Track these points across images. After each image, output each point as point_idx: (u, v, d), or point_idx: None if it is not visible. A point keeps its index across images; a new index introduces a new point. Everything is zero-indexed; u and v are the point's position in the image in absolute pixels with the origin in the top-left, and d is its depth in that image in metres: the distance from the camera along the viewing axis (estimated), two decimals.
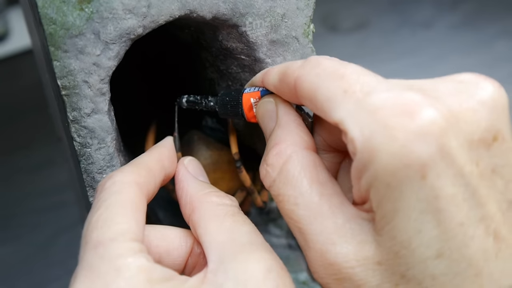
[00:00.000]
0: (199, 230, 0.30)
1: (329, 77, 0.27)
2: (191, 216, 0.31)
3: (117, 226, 0.27)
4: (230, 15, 0.33)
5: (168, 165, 0.33)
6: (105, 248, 0.26)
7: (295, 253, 0.48)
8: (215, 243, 0.28)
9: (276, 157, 0.29)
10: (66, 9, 0.29)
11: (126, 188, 0.29)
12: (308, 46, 0.36)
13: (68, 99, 0.31)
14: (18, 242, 0.64)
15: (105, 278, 0.26)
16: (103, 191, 0.29)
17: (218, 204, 0.31)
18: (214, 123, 0.44)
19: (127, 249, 0.27)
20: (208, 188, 0.32)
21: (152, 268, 0.27)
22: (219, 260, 0.28)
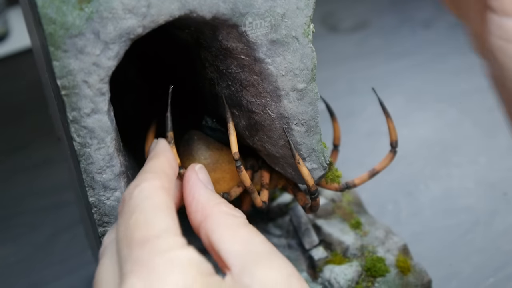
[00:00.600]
0: (214, 237, 0.31)
1: None
2: (203, 223, 0.32)
3: (158, 225, 0.28)
4: (230, 15, 0.33)
5: (175, 167, 0.34)
6: (152, 245, 0.27)
7: (295, 253, 0.48)
8: (234, 250, 0.30)
9: None
10: (65, 9, 0.29)
11: (156, 193, 0.30)
12: (308, 46, 0.36)
13: (68, 99, 0.31)
14: (17, 242, 0.64)
15: (160, 272, 0.26)
16: (132, 198, 0.30)
17: (230, 215, 0.32)
18: (214, 123, 0.44)
19: (175, 242, 0.28)
20: (219, 198, 0.33)
21: (201, 261, 0.28)
22: (242, 265, 0.29)
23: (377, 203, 0.65)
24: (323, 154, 0.39)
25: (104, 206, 0.35)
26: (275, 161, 0.41)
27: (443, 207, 0.65)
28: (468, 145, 0.73)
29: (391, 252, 0.48)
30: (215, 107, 0.43)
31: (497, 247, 0.60)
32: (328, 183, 0.42)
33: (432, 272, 0.49)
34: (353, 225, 0.51)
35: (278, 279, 0.28)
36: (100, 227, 0.35)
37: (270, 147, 0.40)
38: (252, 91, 0.37)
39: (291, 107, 0.37)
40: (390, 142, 0.43)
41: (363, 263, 0.47)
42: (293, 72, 0.36)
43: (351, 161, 0.68)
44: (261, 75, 0.36)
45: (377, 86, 0.45)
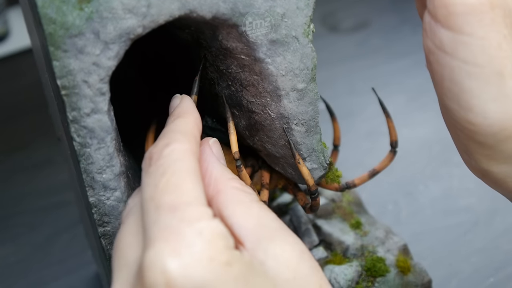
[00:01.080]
0: (227, 212, 0.30)
1: None
2: (216, 197, 0.31)
3: (190, 191, 0.28)
4: (230, 15, 0.33)
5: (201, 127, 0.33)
6: (183, 211, 0.27)
7: None
8: (248, 225, 0.29)
9: None
10: (65, 8, 0.29)
11: (187, 156, 0.29)
12: (308, 46, 0.36)
13: (68, 99, 0.31)
14: (17, 242, 0.64)
15: (189, 241, 0.26)
16: (162, 158, 0.29)
17: (242, 191, 0.31)
18: (214, 123, 0.44)
19: (205, 213, 0.28)
20: (231, 173, 0.33)
21: (228, 235, 0.28)
22: (255, 240, 0.29)
23: (377, 203, 0.65)
24: (323, 154, 0.39)
25: (104, 206, 0.35)
26: (275, 161, 0.41)
27: (443, 207, 0.65)
28: None
29: (391, 252, 0.48)
30: (215, 107, 0.43)
31: (497, 247, 0.60)
32: (328, 183, 0.42)
33: (432, 272, 0.49)
34: (353, 225, 0.51)
35: (292, 255, 0.28)
36: (100, 227, 0.35)
37: (270, 147, 0.40)
38: (252, 91, 0.37)
39: (291, 107, 0.37)
40: (390, 142, 0.43)
41: (363, 263, 0.47)
42: (293, 72, 0.36)
43: (351, 161, 0.68)
44: (261, 75, 0.36)
45: (377, 86, 0.45)
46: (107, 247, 0.36)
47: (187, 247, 0.26)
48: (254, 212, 0.30)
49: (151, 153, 0.30)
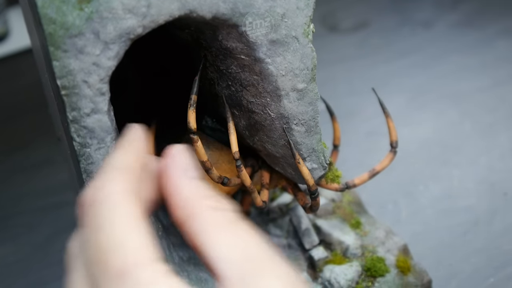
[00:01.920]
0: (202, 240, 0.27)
1: None
2: (188, 222, 0.27)
3: (134, 248, 0.25)
4: (230, 15, 0.33)
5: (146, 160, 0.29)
6: (132, 277, 0.24)
7: (295, 253, 0.48)
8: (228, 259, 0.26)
9: None
10: (65, 9, 0.29)
11: (123, 200, 0.26)
12: (308, 46, 0.36)
13: (68, 99, 0.31)
14: (16, 242, 0.64)
15: None
16: (97, 205, 0.26)
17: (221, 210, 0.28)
18: (214, 123, 0.44)
19: (156, 271, 0.25)
20: (203, 189, 0.29)
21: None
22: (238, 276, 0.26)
23: (377, 203, 0.65)
24: (323, 154, 0.39)
25: None
26: (275, 161, 0.41)
27: (443, 207, 0.65)
28: (468, 145, 0.73)
29: (391, 252, 0.48)
30: (215, 107, 0.43)
31: (497, 247, 0.60)
32: (328, 183, 0.42)
33: (432, 272, 0.49)
34: (353, 225, 0.51)
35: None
36: None
37: (270, 147, 0.40)
38: (252, 91, 0.37)
39: (291, 107, 0.37)
40: (390, 142, 0.43)
41: (363, 263, 0.47)
42: (293, 72, 0.36)
43: (351, 161, 0.68)
44: (261, 75, 0.36)
45: (377, 86, 0.45)
46: None
47: None
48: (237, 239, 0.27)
49: (85, 197, 0.26)
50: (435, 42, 0.92)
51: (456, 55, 0.88)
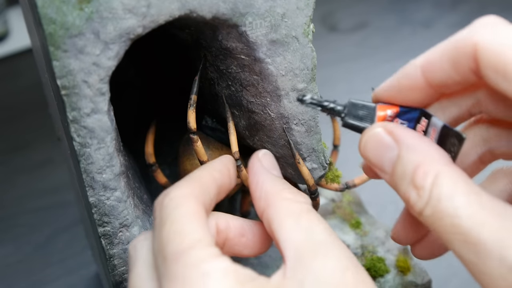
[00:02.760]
0: (274, 226, 0.30)
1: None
2: (266, 211, 0.31)
3: (190, 235, 0.28)
4: (230, 15, 0.33)
5: (220, 177, 0.33)
6: (187, 257, 0.27)
7: None
8: (293, 240, 0.29)
9: (424, 178, 0.28)
10: (65, 9, 0.29)
11: (185, 201, 0.29)
12: (308, 45, 0.36)
13: (68, 99, 0.31)
14: (17, 241, 0.64)
15: (196, 284, 0.26)
16: (163, 209, 0.29)
17: (293, 202, 0.31)
18: (214, 123, 0.44)
19: (209, 254, 0.27)
20: (283, 184, 0.32)
21: (237, 269, 0.27)
22: (297, 257, 0.28)
23: (377, 203, 0.65)
24: (323, 154, 0.39)
25: (104, 206, 0.35)
26: None
27: None
28: None
29: (391, 252, 0.48)
30: (215, 107, 0.43)
31: None
32: (328, 183, 0.42)
33: (432, 272, 0.49)
34: (353, 225, 0.51)
35: (334, 271, 0.27)
36: (100, 227, 0.35)
37: (270, 147, 0.40)
38: (252, 91, 0.37)
39: (291, 107, 0.37)
40: None
41: (363, 263, 0.47)
42: (293, 72, 0.36)
43: (351, 161, 0.68)
44: (261, 75, 0.36)
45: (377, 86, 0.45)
46: (107, 247, 0.36)
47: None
48: (301, 225, 0.29)
49: (155, 205, 0.31)
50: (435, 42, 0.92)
51: None
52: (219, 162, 0.34)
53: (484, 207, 0.27)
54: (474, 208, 0.27)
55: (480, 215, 0.26)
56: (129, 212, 0.35)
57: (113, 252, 0.36)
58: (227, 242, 0.32)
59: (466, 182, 0.28)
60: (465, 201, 0.27)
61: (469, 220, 0.26)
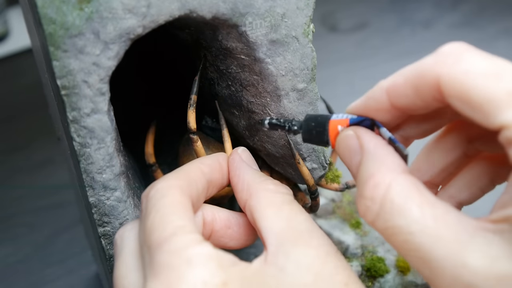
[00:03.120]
0: (256, 215, 0.31)
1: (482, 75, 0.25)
2: (248, 201, 0.32)
3: (173, 223, 0.28)
4: (230, 15, 0.33)
5: (209, 172, 0.33)
6: (169, 244, 0.27)
7: None
8: (274, 228, 0.29)
9: (374, 189, 0.27)
10: (65, 9, 0.29)
11: (170, 192, 0.30)
12: (308, 46, 0.36)
13: (68, 99, 0.31)
14: (17, 241, 0.64)
15: (179, 270, 0.26)
16: (148, 200, 0.30)
17: (275, 192, 0.32)
18: (214, 123, 0.44)
19: (191, 239, 0.27)
20: (264, 176, 0.33)
21: (220, 255, 0.28)
22: (278, 244, 0.29)
23: None
24: (323, 154, 0.39)
25: (104, 206, 0.35)
26: (275, 161, 0.41)
27: None
28: None
29: (391, 252, 0.48)
30: (215, 107, 0.43)
31: None
32: (328, 183, 0.42)
33: None
34: (353, 225, 0.51)
35: (314, 259, 0.28)
36: (100, 227, 0.35)
37: (270, 147, 0.40)
38: (252, 91, 0.37)
39: (291, 107, 0.37)
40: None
41: (363, 263, 0.47)
42: (293, 72, 0.36)
43: None
44: (261, 75, 0.36)
45: None
46: (107, 247, 0.36)
47: (178, 278, 0.26)
48: (282, 214, 0.30)
49: (141, 197, 0.31)
50: (435, 42, 0.92)
51: None
52: (210, 157, 0.35)
53: (437, 220, 0.26)
54: (427, 222, 0.26)
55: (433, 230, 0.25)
56: (129, 212, 0.35)
57: (113, 252, 0.36)
58: (213, 234, 0.33)
59: (420, 192, 0.27)
60: (417, 215, 0.26)
61: (422, 236, 0.26)
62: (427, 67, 0.26)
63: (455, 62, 0.26)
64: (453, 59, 0.26)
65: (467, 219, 0.26)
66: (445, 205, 0.26)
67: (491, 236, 0.25)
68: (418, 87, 0.27)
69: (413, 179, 0.27)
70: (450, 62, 0.26)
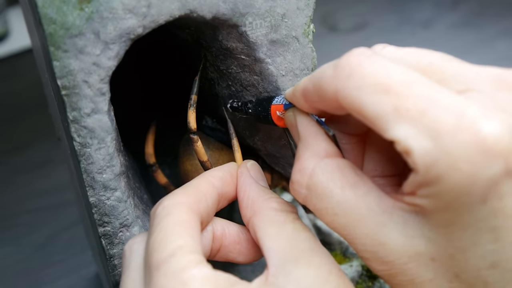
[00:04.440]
0: (259, 233, 0.31)
1: (372, 90, 0.25)
2: (252, 219, 0.32)
3: (173, 243, 0.28)
4: (230, 15, 0.33)
5: (220, 185, 0.33)
6: (167, 265, 0.27)
7: None
8: (276, 247, 0.29)
9: (300, 174, 0.29)
10: (66, 9, 0.29)
11: (176, 209, 0.30)
12: (308, 46, 0.36)
13: (68, 99, 0.31)
14: (17, 241, 0.64)
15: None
16: (155, 217, 0.30)
17: (279, 210, 0.31)
18: (214, 123, 0.44)
19: (189, 261, 0.27)
20: (269, 193, 0.33)
21: (217, 276, 0.27)
22: (280, 264, 0.28)
23: None
24: None
25: (104, 206, 0.35)
26: (275, 161, 0.41)
27: None
28: None
29: None
30: (215, 107, 0.43)
31: None
32: None
33: None
34: None
35: (314, 279, 0.28)
36: (100, 227, 0.35)
37: (270, 147, 0.40)
38: (252, 91, 0.37)
39: None
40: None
41: (364, 263, 0.47)
42: (293, 72, 0.36)
43: None
44: (261, 75, 0.36)
45: None
46: (107, 247, 0.36)
47: None
48: (285, 233, 0.30)
49: (150, 213, 0.31)
50: (434, 42, 0.92)
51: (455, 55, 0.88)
52: (221, 170, 0.34)
53: (358, 201, 0.27)
54: (348, 205, 0.27)
55: (354, 210, 0.27)
56: (129, 212, 0.35)
57: (113, 252, 0.36)
58: (222, 249, 0.33)
59: (342, 175, 0.28)
60: (339, 198, 0.27)
61: (345, 217, 0.27)
62: (326, 81, 0.27)
63: (349, 77, 0.26)
64: (347, 73, 0.26)
65: (387, 199, 0.27)
66: (367, 185, 0.27)
67: (407, 216, 0.26)
68: (323, 97, 0.28)
69: (337, 161, 0.28)
70: (345, 76, 0.26)
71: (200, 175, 0.34)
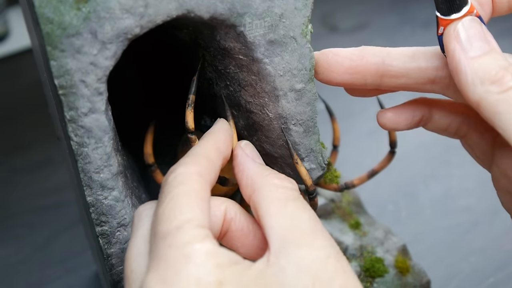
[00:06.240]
0: (260, 212, 0.30)
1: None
2: (252, 197, 0.31)
3: (182, 215, 0.28)
4: (228, 15, 0.33)
5: (224, 149, 0.33)
6: (173, 237, 0.27)
7: None
8: (277, 227, 0.29)
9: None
10: (63, 8, 0.29)
11: (189, 179, 0.30)
12: (306, 46, 0.36)
13: (65, 99, 0.31)
14: (17, 242, 0.64)
15: (176, 266, 0.26)
16: (166, 185, 0.30)
17: (279, 187, 0.31)
18: (213, 123, 0.44)
19: (194, 235, 0.27)
20: (268, 170, 0.33)
21: (220, 253, 0.27)
22: (281, 244, 0.28)
23: (377, 203, 0.65)
24: (321, 154, 0.39)
25: (102, 206, 0.35)
26: (273, 161, 0.41)
27: (443, 207, 0.65)
28: None
29: (390, 253, 0.48)
30: (214, 107, 0.43)
31: (497, 247, 0.60)
32: (327, 183, 0.42)
33: (432, 272, 0.49)
34: (352, 225, 0.51)
35: (314, 261, 0.28)
36: (97, 226, 0.35)
37: (269, 147, 0.40)
38: (250, 91, 0.37)
39: (289, 107, 0.37)
40: (390, 143, 0.43)
41: (362, 263, 0.47)
42: (291, 72, 0.36)
43: (351, 161, 0.68)
44: (259, 75, 0.36)
45: None
46: (104, 247, 0.36)
47: (173, 273, 0.26)
48: (287, 212, 0.30)
49: (162, 181, 0.31)
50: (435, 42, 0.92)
51: None
52: (222, 132, 0.34)
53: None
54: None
55: None
56: (127, 211, 0.35)
57: (111, 251, 0.36)
58: (228, 233, 0.32)
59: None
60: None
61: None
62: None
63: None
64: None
65: None
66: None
67: None
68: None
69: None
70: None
71: (206, 139, 0.33)
